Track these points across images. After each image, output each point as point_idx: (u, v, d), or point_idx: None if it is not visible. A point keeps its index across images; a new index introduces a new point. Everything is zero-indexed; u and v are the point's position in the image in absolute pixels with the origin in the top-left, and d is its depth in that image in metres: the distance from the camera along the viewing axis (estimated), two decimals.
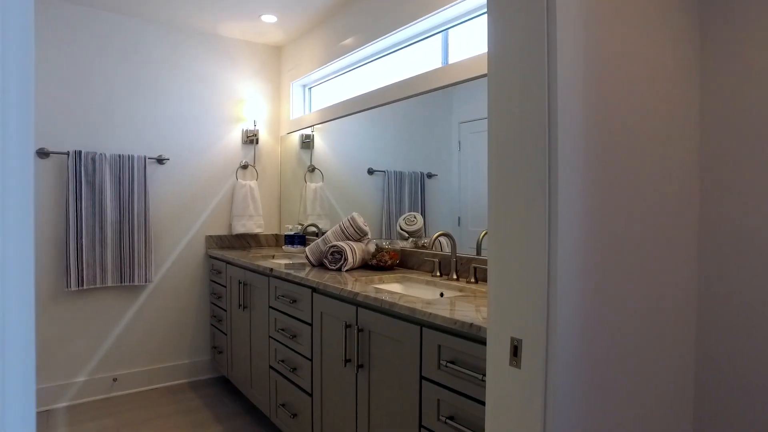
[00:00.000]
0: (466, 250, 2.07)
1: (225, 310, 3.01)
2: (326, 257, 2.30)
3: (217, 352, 3.18)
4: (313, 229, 3.23)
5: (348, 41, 2.82)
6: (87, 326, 2.95)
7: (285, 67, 3.54)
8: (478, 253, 2.01)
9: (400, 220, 2.46)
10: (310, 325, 2.04)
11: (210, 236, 3.34)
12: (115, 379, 3.02)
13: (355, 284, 1.86)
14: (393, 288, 2.09)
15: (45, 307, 2.82)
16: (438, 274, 2.08)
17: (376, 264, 2.28)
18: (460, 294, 1.83)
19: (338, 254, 2.27)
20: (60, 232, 2.84)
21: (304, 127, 3.30)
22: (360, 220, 2.40)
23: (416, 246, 2.35)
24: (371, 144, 2.69)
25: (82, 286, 2.80)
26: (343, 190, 2.94)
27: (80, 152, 2.79)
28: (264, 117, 3.56)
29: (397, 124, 2.49)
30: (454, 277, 1.98)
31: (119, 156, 2.91)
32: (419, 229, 2.34)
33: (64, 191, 2.83)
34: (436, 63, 2.39)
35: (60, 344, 2.88)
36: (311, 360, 2.03)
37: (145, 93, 3.09)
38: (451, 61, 2.32)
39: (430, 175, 2.30)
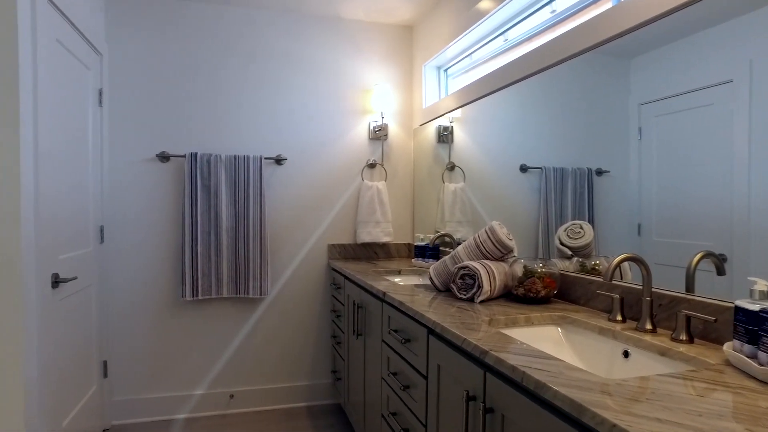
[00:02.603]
0: (656, 277, 1.31)
1: (343, 332, 2.60)
2: (454, 281, 1.70)
3: (336, 378, 2.78)
4: (447, 239, 2.64)
5: (483, 3, 2.19)
6: (204, 338, 2.78)
7: (417, 48, 3.03)
8: (690, 288, 1.23)
9: (560, 232, 1.75)
10: (425, 378, 1.46)
11: (333, 245, 2.97)
12: (232, 396, 2.80)
13: (488, 328, 1.24)
14: (546, 335, 1.41)
15: (163, 315, 2.71)
16: (619, 317, 1.34)
17: (523, 294, 1.61)
18: (665, 361, 1.09)
19: (470, 278, 1.65)
20: (177, 239, 2.71)
21: (440, 115, 2.73)
22: (502, 233, 1.75)
23: (583, 269, 1.62)
24: (524, 134, 2.01)
25: (197, 296, 2.62)
26: (490, 191, 2.30)
27: (196, 154, 2.62)
28: (393, 108, 3.09)
29: (556, 108, 1.78)
30: (648, 327, 1.23)
31: (234, 157, 2.69)
32: (587, 245, 1.61)
33: (182, 196, 2.69)
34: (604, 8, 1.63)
35: (179, 355, 2.74)
36: (425, 426, 1.45)
37: (259, 88, 2.83)
38: None
39: (599, 172, 1.58)
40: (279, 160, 2.85)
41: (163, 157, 2.67)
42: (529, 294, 1.59)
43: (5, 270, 1.64)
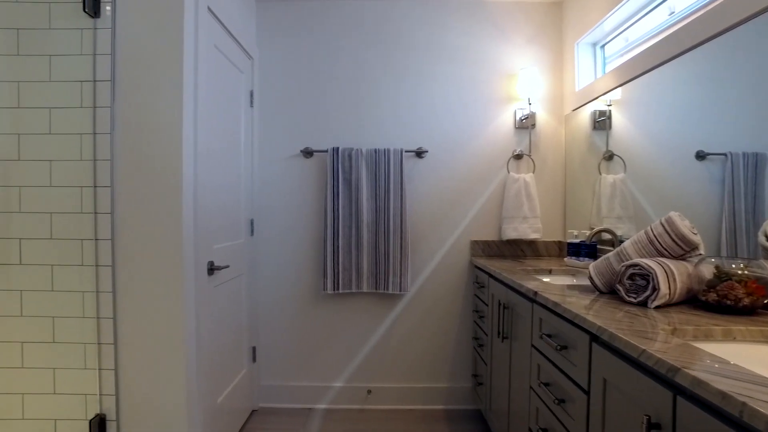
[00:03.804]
0: None
1: (486, 335, 2.43)
2: (621, 282, 1.44)
3: (477, 383, 2.62)
4: (608, 236, 2.32)
5: None
6: (344, 331, 2.82)
7: (568, 25, 2.73)
8: None
9: (766, 226, 1.38)
10: (586, 393, 1.24)
11: (475, 242, 2.81)
12: (369, 391, 2.80)
13: (671, 339, 0.99)
14: (756, 356, 1.10)
15: (305, 307, 2.81)
16: None
17: (716, 301, 1.29)
18: None
19: (642, 278, 1.38)
20: (320, 233, 2.80)
21: (596, 97, 2.42)
22: (683, 225, 1.44)
23: None
24: (702, 115, 1.65)
25: (338, 289, 2.67)
26: (656, 183, 1.96)
27: (338, 149, 2.67)
28: (541, 93, 2.83)
29: (749, 80, 1.41)
30: None
31: (375, 150, 2.68)
32: None
33: (324, 190, 2.77)
34: None
35: (320, 346, 2.82)
36: None
37: (400, 79, 2.79)
38: None
39: None
40: (420, 153, 2.78)
41: (307, 153, 2.77)
42: (725, 301, 1.27)
43: (169, 255, 1.80)
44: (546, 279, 2.22)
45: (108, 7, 1.79)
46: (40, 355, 1.82)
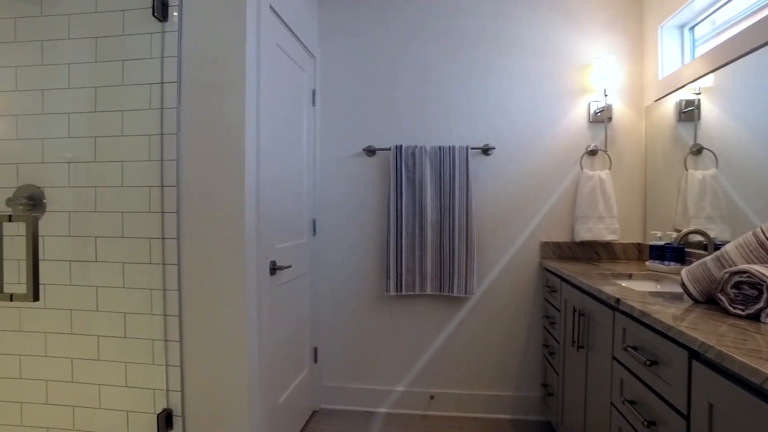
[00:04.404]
0: None
1: (558, 342, 2.27)
2: (723, 290, 1.26)
3: (547, 393, 2.45)
4: (699, 238, 2.10)
5: None
6: (406, 334, 2.74)
7: (649, 6, 2.50)
8: None
9: None
10: (685, 419, 1.09)
11: (546, 243, 2.65)
12: (432, 397, 2.71)
13: None
14: None
15: (367, 308, 2.76)
16: None
17: None
18: None
19: (752, 288, 1.20)
20: (382, 233, 2.73)
21: (683, 85, 2.20)
22: None
23: None
24: None
25: (401, 291, 2.59)
26: (757, 180, 1.73)
27: (401, 147, 2.59)
28: (619, 83, 2.62)
29: None
30: None
31: (439, 148, 2.58)
32: None
33: (387, 189, 2.71)
34: None
35: (382, 349, 2.76)
36: None
37: (465, 74, 2.67)
38: None
39: None
40: (486, 150, 2.66)
41: (369, 151, 2.72)
42: None
43: (232, 254, 1.80)
44: (625, 284, 2.03)
45: (175, 13, 1.82)
46: (113, 348, 1.88)
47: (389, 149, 2.64)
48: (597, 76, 2.54)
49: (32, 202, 1.92)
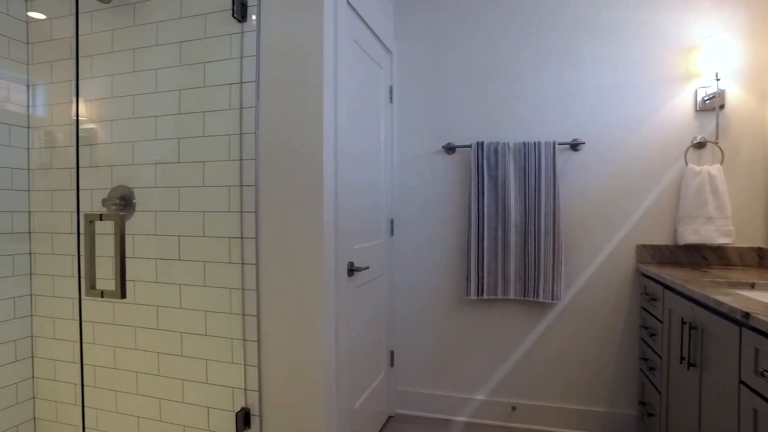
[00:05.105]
0: None
1: (660, 357, 2.03)
2: None
3: (646, 413, 2.21)
4: None
5: None
6: (487, 341, 2.59)
7: None
8: None
9: None
10: None
11: (643, 246, 2.39)
12: (514, 408, 2.54)
13: None
14: None
15: (446, 312, 2.64)
16: None
17: None
18: None
19: None
20: (463, 234, 2.61)
21: None
22: None
23: None
24: None
25: (482, 295, 2.45)
26: None
27: (482, 143, 2.45)
28: (735, 65, 2.30)
29: None
30: None
31: (524, 144, 2.41)
32: None
33: (467, 188, 2.57)
34: None
35: (461, 355, 2.63)
36: None
37: (551, 65, 2.47)
38: None
39: None
40: (574, 146, 2.45)
41: (449, 149, 2.60)
42: None
43: (310, 255, 1.76)
44: (746, 293, 1.77)
45: (254, 15, 1.82)
46: (195, 345, 1.92)
47: (470, 146, 2.51)
48: (706, 59, 2.25)
49: (124, 202, 2.01)
